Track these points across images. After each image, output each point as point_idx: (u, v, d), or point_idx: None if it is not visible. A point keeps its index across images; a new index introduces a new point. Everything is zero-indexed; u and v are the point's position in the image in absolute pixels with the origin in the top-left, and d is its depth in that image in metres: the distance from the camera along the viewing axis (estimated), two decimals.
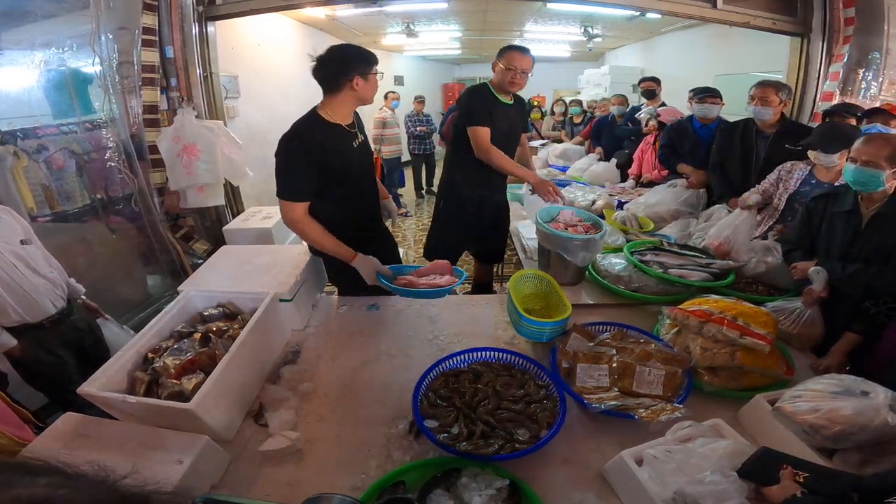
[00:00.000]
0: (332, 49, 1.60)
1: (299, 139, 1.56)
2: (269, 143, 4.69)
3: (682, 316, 1.38)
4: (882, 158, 1.38)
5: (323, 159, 1.57)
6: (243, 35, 4.20)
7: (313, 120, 1.61)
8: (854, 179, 1.45)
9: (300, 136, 1.57)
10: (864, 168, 1.41)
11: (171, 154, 2.68)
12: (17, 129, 2.16)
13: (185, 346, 1.28)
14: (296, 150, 1.56)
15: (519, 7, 5.39)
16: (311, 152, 1.55)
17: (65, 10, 2.45)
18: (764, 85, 2.26)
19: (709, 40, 5.32)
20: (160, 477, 0.93)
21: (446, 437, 1.05)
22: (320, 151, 1.56)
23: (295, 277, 1.61)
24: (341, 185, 1.67)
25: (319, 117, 1.62)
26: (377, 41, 6.81)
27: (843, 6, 2.71)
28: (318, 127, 1.60)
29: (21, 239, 1.64)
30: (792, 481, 0.82)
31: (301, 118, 1.63)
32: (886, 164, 1.38)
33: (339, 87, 1.58)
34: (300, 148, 1.55)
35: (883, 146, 1.39)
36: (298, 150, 1.55)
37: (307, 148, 1.55)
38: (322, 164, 1.57)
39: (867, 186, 1.43)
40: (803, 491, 0.80)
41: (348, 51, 1.60)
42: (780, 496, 0.81)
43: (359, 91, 1.59)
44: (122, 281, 2.77)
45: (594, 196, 2.85)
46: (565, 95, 7.36)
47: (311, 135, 1.57)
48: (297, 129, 1.59)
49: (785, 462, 0.87)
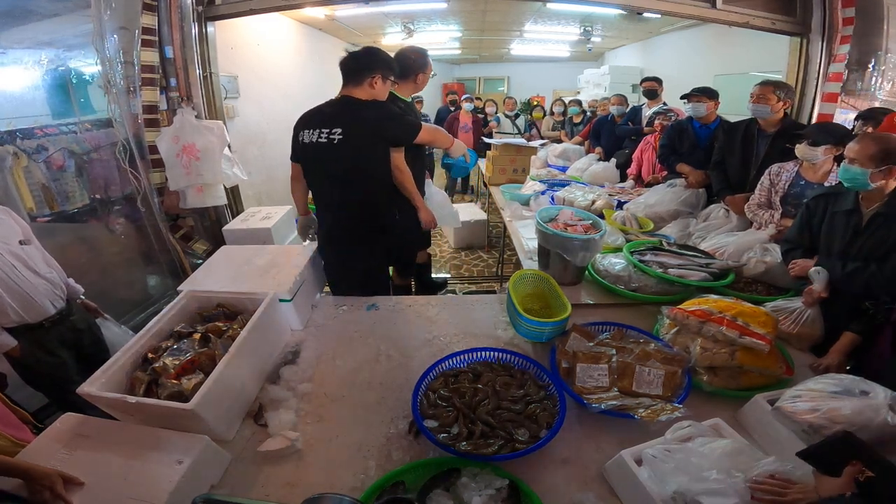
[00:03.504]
0: (367, 47, 1.79)
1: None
2: (268, 143, 4.74)
3: (682, 316, 1.38)
4: (866, 157, 1.41)
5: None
6: (243, 35, 4.20)
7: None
8: (841, 176, 1.50)
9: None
10: (850, 166, 1.45)
11: (171, 154, 2.68)
12: (16, 129, 2.16)
13: (184, 347, 1.28)
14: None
15: (518, 7, 5.39)
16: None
17: (66, 10, 2.45)
18: (763, 84, 2.26)
19: (708, 40, 5.32)
20: (160, 477, 0.94)
21: (446, 437, 1.05)
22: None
23: (294, 277, 1.61)
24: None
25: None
26: (377, 41, 6.81)
27: (843, 6, 2.71)
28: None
29: (20, 239, 1.64)
30: (852, 479, 0.73)
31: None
32: (870, 163, 1.40)
33: (361, 80, 1.73)
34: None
35: (869, 145, 1.42)
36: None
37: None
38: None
39: (854, 184, 1.46)
40: (854, 492, 0.72)
41: (379, 52, 1.78)
42: (828, 491, 0.74)
43: (376, 90, 1.74)
44: (121, 281, 2.77)
45: (594, 196, 2.85)
46: (565, 95, 7.37)
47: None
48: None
49: (861, 456, 0.76)
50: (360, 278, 1.93)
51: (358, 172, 1.76)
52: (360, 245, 1.88)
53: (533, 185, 3.39)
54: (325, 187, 1.85)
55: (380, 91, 1.76)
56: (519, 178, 3.85)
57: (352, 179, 1.77)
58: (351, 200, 1.80)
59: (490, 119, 6.19)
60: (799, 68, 2.97)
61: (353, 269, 1.92)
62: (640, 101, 4.38)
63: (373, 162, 1.77)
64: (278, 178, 4.93)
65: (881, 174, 1.41)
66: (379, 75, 1.73)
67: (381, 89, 1.76)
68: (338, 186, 1.80)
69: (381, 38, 6.64)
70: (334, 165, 1.75)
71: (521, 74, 11.13)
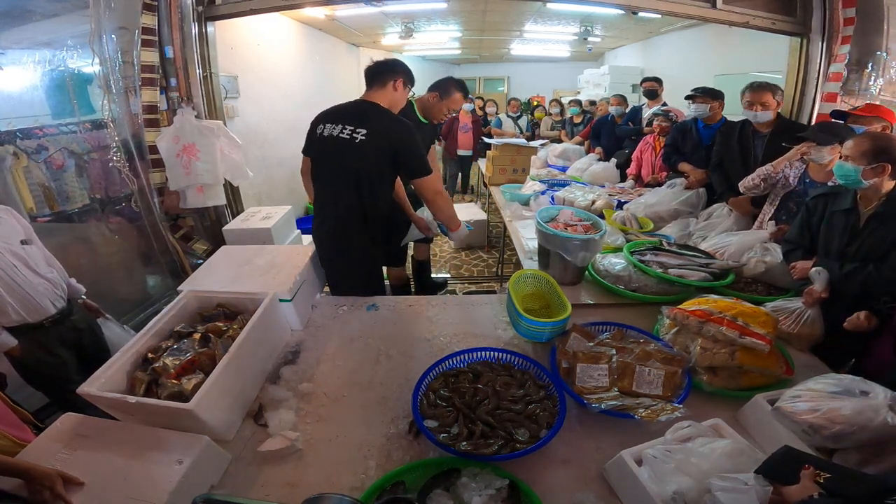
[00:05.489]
0: (392, 59, 1.93)
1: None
2: (268, 143, 4.74)
3: (682, 316, 1.38)
4: (859, 154, 1.42)
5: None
6: (243, 35, 4.20)
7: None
8: (836, 172, 1.51)
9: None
10: (844, 162, 1.46)
11: (171, 154, 2.68)
12: (16, 129, 2.16)
13: (184, 347, 1.28)
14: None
15: (518, 7, 5.39)
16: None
17: (65, 10, 2.45)
18: (760, 89, 2.26)
19: (708, 40, 5.32)
20: (160, 477, 0.94)
21: (446, 437, 1.05)
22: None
23: (294, 277, 1.61)
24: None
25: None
26: (377, 41, 6.81)
27: (843, 6, 2.70)
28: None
29: (21, 239, 1.64)
30: (812, 482, 0.79)
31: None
32: (863, 160, 1.41)
33: (385, 83, 1.83)
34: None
35: (863, 142, 1.43)
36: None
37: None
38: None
39: (847, 180, 1.47)
40: (821, 492, 0.77)
41: (402, 62, 1.91)
42: (797, 496, 0.79)
43: (398, 93, 1.85)
44: (121, 281, 2.77)
45: (594, 196, 2.86)
46: (565, 95, 7.38)
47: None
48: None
49: (808, 462, 0.83)
50: (361, 278, 1.93)
51: (369, 176, 1.77)
52: (360, 245, 1.88)
53: (533, 185, 3.39)
54: (334, 184, 1.84)
55: (400, 96, 1.87)
56: (519, 178, 3.85)
57: (361, 180, 1.78)
58: (356, 201, 1.80)
59: (491, 120, 6.20)
60: (799, 68, 2.96)
61: (354, 270, 1.92)
62: (641, 102, 4.38)
63: (383, 171, 1.80)
64: (278, 178, 4.93)
65: (873, 171, 1.41)
66: (401, 79, 1.85)
67: (402, 94, 1.87)
68: (347, 185, 1.79)
69: (381, 38, 6.64)
70: (350, 163, 1.76)
71: (521, 74, 11.15)
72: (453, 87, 2.33)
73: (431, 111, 2.38)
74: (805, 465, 0.82)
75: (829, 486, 0.78)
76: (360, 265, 1.92)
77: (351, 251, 1.88)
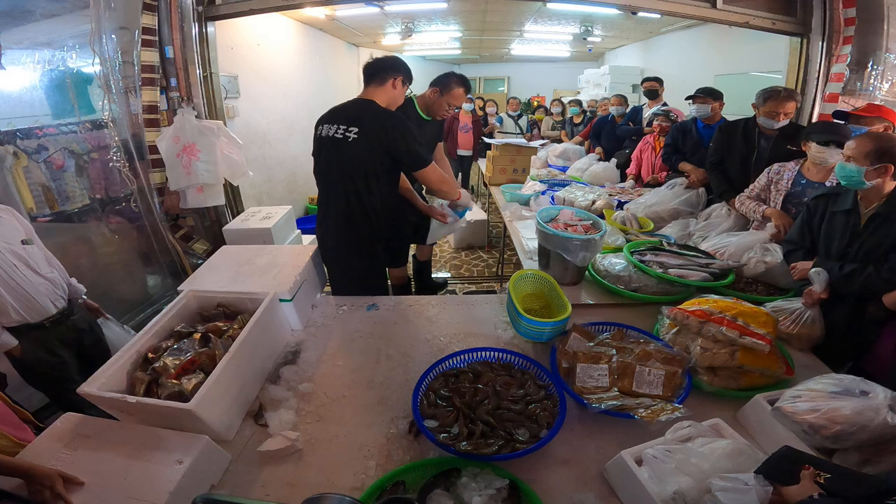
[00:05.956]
0: (391, 55, 1.93)
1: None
2: (268, 143, 4.74)
3: (682, 316, 1.38)
4: (862, 154, 1.42)
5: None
6: (243, 35, 4.20)
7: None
8: (837, 173, 1.51)
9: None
10: (846, 163, 1.45)
11: (171, 154, 2.68)
12: (17, 129, 2.16)
13: (184, 346, 1.28)
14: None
15: (518, 7, 5.38)
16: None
17: (65, 10, 2.45)
18: (786, 99, 2.16)
19: (708, 40, 5.32)
20: (160, 477, 0.94)
21: (446, 437, 1.05)
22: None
23: (295, 277, 1.61)
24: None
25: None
26: (377, 41, 6.81)
27: (844, 6, 2.71)
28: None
29: (22, 239, 1.64)
30: (812, 482, 0.80)
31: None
32: (865, 161, 1.41)
33: (384, 80, 1.83)
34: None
35: (866, 143, 1.43)
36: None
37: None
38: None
39: (849, 181, 1.47)
40: (821, 493, 0.78)
41: (401, 60, 1.90)
42: (797, 496, 0.79)
43: (396, 91, 1.85)
44: (122, 281, 2.77)
45: (594, 196, 2.85)
46: (565, 95, 7.37)
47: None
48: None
49: (807, 462, 0.84)
50: (363, 277, 1.93)
51: (365, 174, 1.78)
52: (360, 246, 1.89)
53: (533, 185, 3.40)
54: (334, 184, 1.85)
55: (399, 94, 1.87)
56: (519, 178, 3.85)
57: (358, 179, 1.78)
58: (355, 200, 1.81)
59: (492, 120, 6.20)
60: (799, 68, 2.96)
61: (355, 268, 1.92)
62: (641, 102, 4.38)
63: (379, 169, 1.80)
64: (278, 178, 4.93)
65: (876, 172, 1.41)
66: (400, 77, 1.84)
67: (400, 92, 1.88)
68: (345, 183, 1.80)
69: (381, 38, 6.64)
70: (346, 162, 1.77)
71: (521, 74, 11.14)
72: (454, 82, 2.30)
73: (433, 107, 2.36)
74: (805, 465, 0.83)
75: (829, 487, 0.78)
76: (360, 264, 1.92)
77: (352, 250, 1.89)
